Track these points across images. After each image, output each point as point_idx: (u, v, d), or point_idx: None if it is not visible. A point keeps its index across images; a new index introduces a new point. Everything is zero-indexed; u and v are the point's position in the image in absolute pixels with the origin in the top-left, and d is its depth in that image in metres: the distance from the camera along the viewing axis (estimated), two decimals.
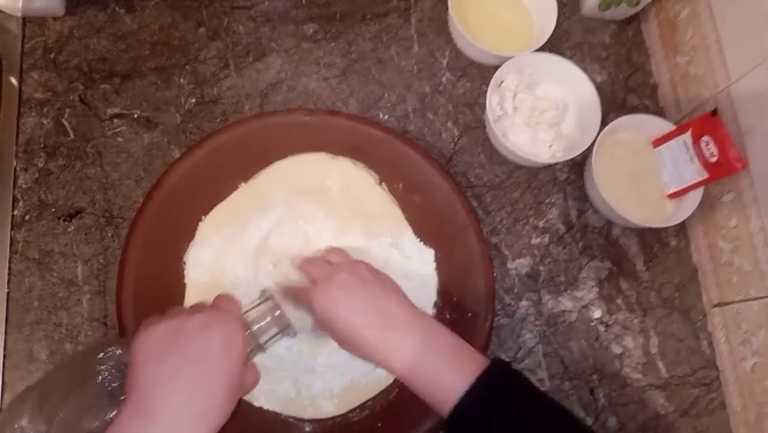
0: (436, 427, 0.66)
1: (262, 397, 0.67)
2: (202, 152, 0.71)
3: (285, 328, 0.60)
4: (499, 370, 0.53)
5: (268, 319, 0.59)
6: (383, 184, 0.75)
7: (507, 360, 0.73)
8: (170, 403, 0.48)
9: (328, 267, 0.62)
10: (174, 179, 0.70)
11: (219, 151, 0.72)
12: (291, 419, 0.67)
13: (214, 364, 0.50)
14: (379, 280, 0.60)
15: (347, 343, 0.58)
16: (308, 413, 0.67)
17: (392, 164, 0.74)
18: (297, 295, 0.65)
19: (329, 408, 0.68)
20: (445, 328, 0.57)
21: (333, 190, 0.74)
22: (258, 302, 0.60)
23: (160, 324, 0.52)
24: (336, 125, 0.74)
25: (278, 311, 0.60)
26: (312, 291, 0.59)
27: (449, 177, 0.73)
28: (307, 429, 0.67)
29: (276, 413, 0.67)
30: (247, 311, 0.59)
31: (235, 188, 0.73)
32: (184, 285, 0.70)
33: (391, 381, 0.70)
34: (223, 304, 0.57)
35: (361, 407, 0.69)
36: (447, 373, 0.53)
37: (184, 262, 0.70)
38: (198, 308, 0.55)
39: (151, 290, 0.67)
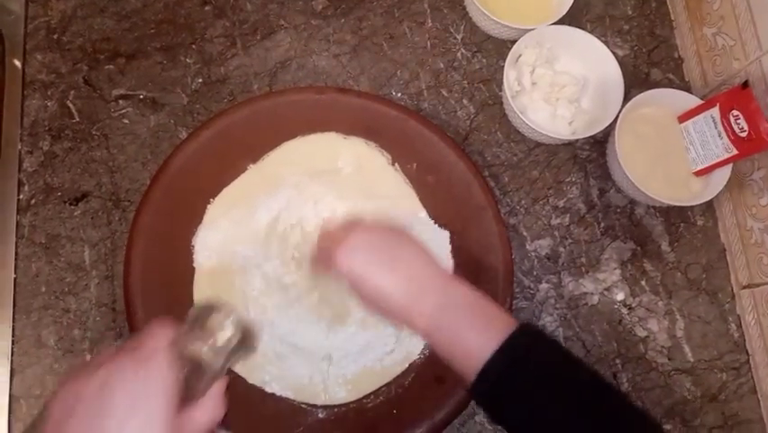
0: (452, 414, 0.64)
1: (274, 383, 0.66)
2: (209, 133, 0.69)
3: (244, 342, 0.47)
4: (529, 332, 0.50)
5: (216, 337, 0.46)
6: (396, 164, 0.73)
7: (537, 326, 0.69)
8: None
9: (345, 229, 0.58)
10: (181, 161, 0.68)
11: (227, 132, 0.70)
12: (304, 405, 0.66)
13: (121, 426, 0.39)
14: (401, 239, 0.57)
15: (371, 302, 0.55)
16: (321, 399, 0.66)
17: (405, 144, 0.72)
18: (320, 261, 0.61)
19: (342, 394, 0.66)
20: (472, 287, 0.53)
21: (344, 171, 0.72)
22: (196, 316, 0.47)
23: (62, 387, 0.41)
24: (347, 104, 0.72)
25: (229, 320, 0.47)
26: (335, 252, 0.55)
27: (465, 156, 0.71)
28: (321, 415, 0.66)
29: (289, 399, 0.66)
30: (187, 333, 0.45)
31: (244, 169, 0.71)
32: (192, 269, 0.68)
33: (406, 366, 0.68)
34: (147, 338, 0.44)
35: (376, 393, 0.67)
36: (473, 333, 0.49)
37: (192, 246, 0.68)
38: (109, 355, 0.43)
39: (160, 274, 0.66)
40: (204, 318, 0.46)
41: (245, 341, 0.47)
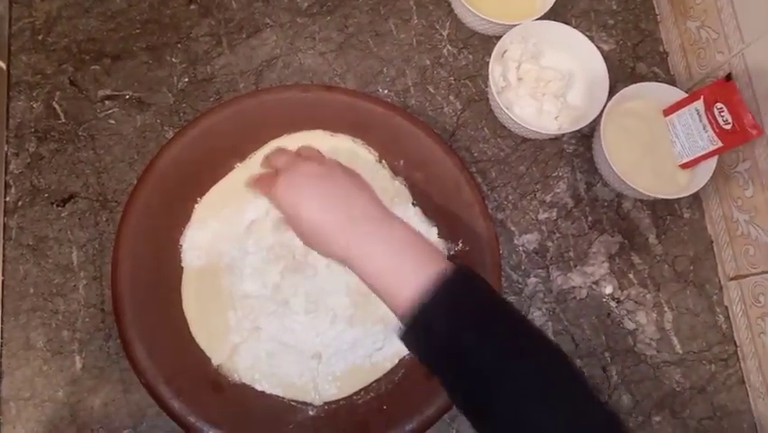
0: (442, 409, 0.64)
1: (264, 381, 0.66)
2: (196, 132, 0.69)
3: None
4: (462, 273, 0.49)
5: None
6: (383, 161, 0.73)
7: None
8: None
9: (295, 157, 0.58)
10: (168, 161, 0.68)
11: (213, 131, 0.69)
12: (294, 403, 0.66)
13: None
14: (349, 175, 0.56)
15: (309, 237, 0.54)
16: (311, 396, 0.66)
17: (393, 140, 0.72)
18: (259, 185, 0.60)
19: (332, 391, 0.66)
20: (413, 228, 0.53)
21: None
22: None
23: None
24: (334, 101, 0.71)
25: None
26: (275, 180, 0.55)
27: (452, 152, 0.71)
28: (311, 413, 0.66)
29: (279, 397, 0.66)
30: None
31: (231, 168, 0.71)
32: (181, 269, 0.68)
33: (396, 362, 0.68)
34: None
35: (366, 389, 0.67)
36: (409, 270, 0.49)
37: (180, 246, 0.68)
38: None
39: (148, 274, 0.66)
40: None
41: None
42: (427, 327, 0.48)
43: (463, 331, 0.47)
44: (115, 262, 0.65)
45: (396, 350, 0.68)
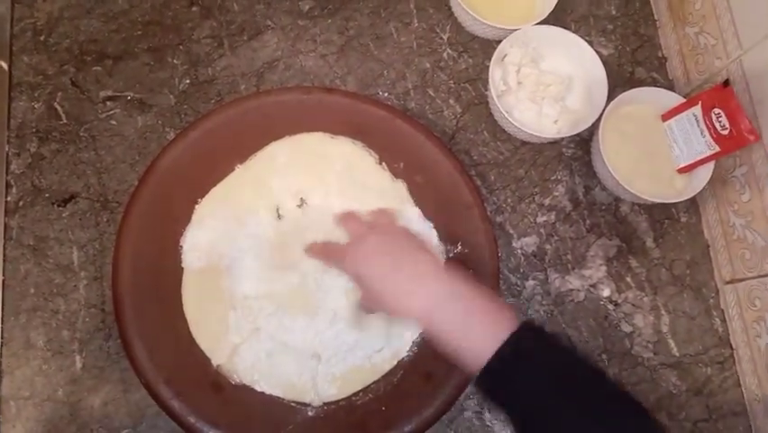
0: (441, 410, 0.64)
1: (263, 382, 0.66)
2: (197, 133, 0.69)
3: None
4: (531, 329, 0.51)
5: None
6: (383, 164, 0.73)
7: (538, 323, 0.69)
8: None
9: (365, 225, 0.62)
10: (169, 162, 0.68)
11: (214, 132, 0.70)
12: (294, 403, 0.66)
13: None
14: (413, 242, 0.59)
15: (375, 296, 0.57)
16: (311, 397, 0.66)
17: (393, 143, 0.72)
18: (330, 255, 0.64)
19: (332, 391, 0.67)
20: (477, 284, 0.55)
21: (333, 170, 0.72)
22: None
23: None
24: (334, 104, 0.72)
25: None
26: (345, 256, 0.59)
27: (451, 155, 0.71)
28: (310, 413, 0.66)
29: (278, 398, 0.66)
30: None
31: (231, 169, 0.71)
32: (181, 269, 0.68)
33: (395, 363, 0.68)
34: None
35: (365, 390, 0.67)
36: (479, 329, 0.51)
37: (180, 246, 0.69)
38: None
39: (148, 274, 0.66)
40: None
41: None
42: (502, 380, 0.49)
43: (536, 382, 0.48)
44: (116, 263, 0.65)
45: (395, 351, 0.68)
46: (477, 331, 0.51)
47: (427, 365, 0.67)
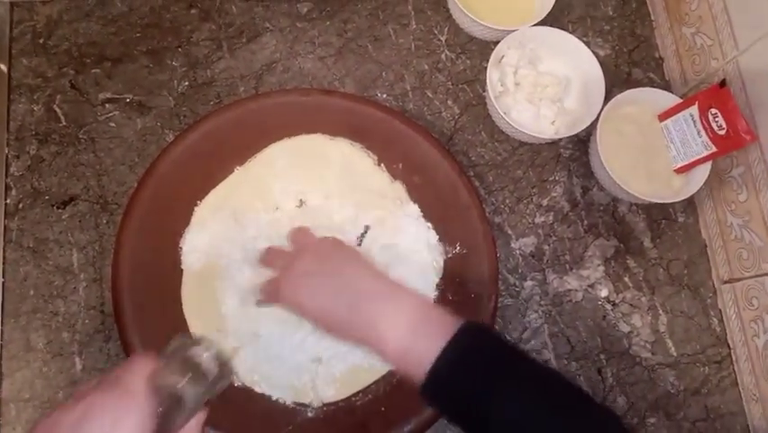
0: None
1: (263, 383, 0.66)
2: (196, 135, 0.69)
3: (222, 375, 0.48)
4: (472, 330, 0.49)
5: (193, 372, 0.47)
6: (382, 165, 0.73)
7: (482, 323, 0.66)
8: None
9: (289, 255, 0.59)
10: (168, 164, 0.68)
11: (213, 134, 0.70)
12: (293, 405, 0.66)
13: None
14: (344, 256, 0.57)
15: (325, 328, 0.55)
16: (310, 398, 0.66)
17: (391, 144, 0.72)
18: (264, 295, 0.61)
19: (331, 392, 0.67)
20: (416, 295, 0.53)
21: (331, 171, 0.72)
22: (175, 349, 0.49)
23: (42, 419, 0.43)
24: (333, 105, 0.72)
25: (208, 354, 0.48)
26: (280, 288, 0.57)
27: (450, 156, 0.72)
28: (310, 414, 0.66)
29: (278, 399, 0.66)
30: (165, 367, 0.46)
31: (231, 171, 0.72)
32: (181, 271, 0.68)
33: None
34: (126, 372, 0.45)
35: (364, 391, 0.68)
36: (421, 340, 0.49)
37: (180, 248, 0.69)
38: (89, 388, 0.44)
39: (148, 276, 0.66)
40: (182, 352, 0.47)
41: (223, 374, 0.48)
42: (444, 388, 0.48)
43: (479, 387, 0.47)
44: (116, 265, 0.65)
45: None
46: (425, 342, 0.49)
47: None
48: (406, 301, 0.53)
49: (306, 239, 0.63)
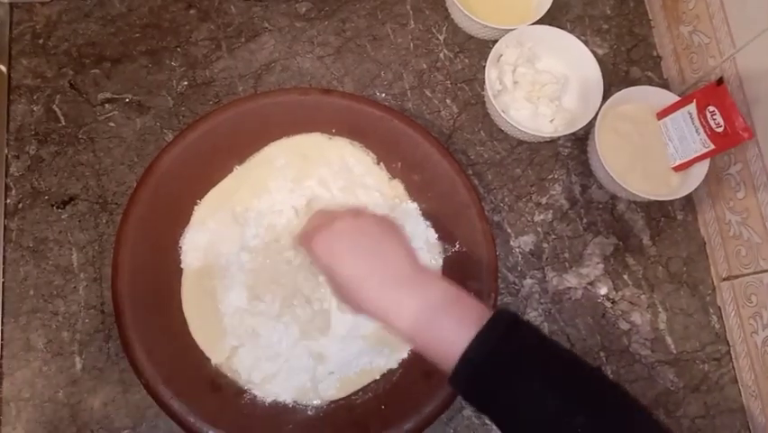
0: (440, 408, 0.65)
1: (263, 382, 0.66)
2: (195, 135, 0.69)
3: None
4: (504, 319, 0.48)
5: None
6: (381, 164, 0.74)
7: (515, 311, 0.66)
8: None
9: (330, 216, 0.57)
10: (167, 164, 0.68)
11: (212, 133, 0.70)
12: (293, 403, 0.66)
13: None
14: (386, 231, 0.55)
15: (346, 295, 0.53)
16: (310, 396, 0.66)
17: (390, 143, 0.73)
18: (300, 240, 0.60)
19: (331, 391, 0.67)
20: (447, 281, 0.53)
21: (330, 170, 0.73)
22: None
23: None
24: (332, 105, 0.72)
25: None
26: (313, 236, 0.54)
27: (449, 155, 0.72)
28: (310, 413, 0.66)
29: (277, 397, 0.66)
30: None
31: (230, 170, 0.72)
32: (180, 270, 0.68)
33: (395, 365, 0.68)
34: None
35: (364, 389, 0.68)
36: (451, 328, 0.48)
37: (180, 247, 0.69)
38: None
39: (148, 276, 0.66)
40: None
41: None
42: (476, 377, 0.47)
43: (512, 375, 0.46)
44: (115, 264, 0.65)
45: (396, 351, 0.68)
46: (450, 330, 0.48)
47: (426, 364, 0.66)
48: (436, 285, 0.52)
49: (350, 209, 0.60)
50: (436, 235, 0.72)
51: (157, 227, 0.67)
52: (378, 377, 0.68)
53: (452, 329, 0.48)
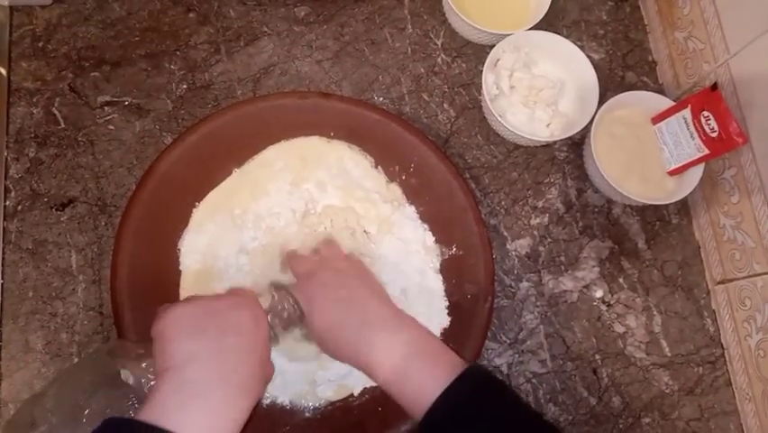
0: None
1: None
2: (194, 138, 0.70)
3: (297, 318, 0.59)
4: (476, 374, 0.51)
5: (280, 307, 0.59)
6: (379, 167, 0.74)
7: (487, 367, 0.70)
8: (211, 375, 0.47)
9: (313, 263, 0.61)
10: (166, 166, 0.69)
11: (211, 136, 0.70)
12: (290, 405, 0.67)
13: (251, 339, 0.51)
14: (364, 280, 0.59)
15: (323, 343, 0.57)
16: (307, 399, 0.66)
17: (388, 147, 0.73)
18: (293, 265, 0.64)
19: (328, 393, 0.67)
20: (426, 330, 0.56)
21: (328, 173, 0.73)
22: (271, 293, 0.60)
23: (187, 304, 0.52)
24: (330, 108, 0.73)
25: (291, 299, 0.59)
26: (297, 286, 0.59)
27: (446, 159, 0.72)
28: (307, 415, 0.67)
29: (275, 399, 0.67)
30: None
31: (229, 173, 0.72)
32: (179, 272, 0.69)
33: None
34: (240, 292, 0.57)
35: (362, 392, 0.68)
36: (422, 375, 0.51)
37: (179, 249, 0.69)
38: (219, 295, 0.56)
39: (146, 278, 0.66)
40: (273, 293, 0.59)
41: (297, 319, 0.59)
42: (445, 426, 0.50)
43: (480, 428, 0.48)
44: (114, 266, 0.65)
45: None
46: (424, 376, 0.51)
47: None
48: (408, 332, 0.54)
49: (331, 251, 0.65)
50: (433, 238, 0.72)
51: (155, 230, 0.68)
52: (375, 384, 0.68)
53: (423, 380, 0.50)
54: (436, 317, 0.69)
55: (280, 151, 0.73)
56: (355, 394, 0.67)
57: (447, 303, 0.70)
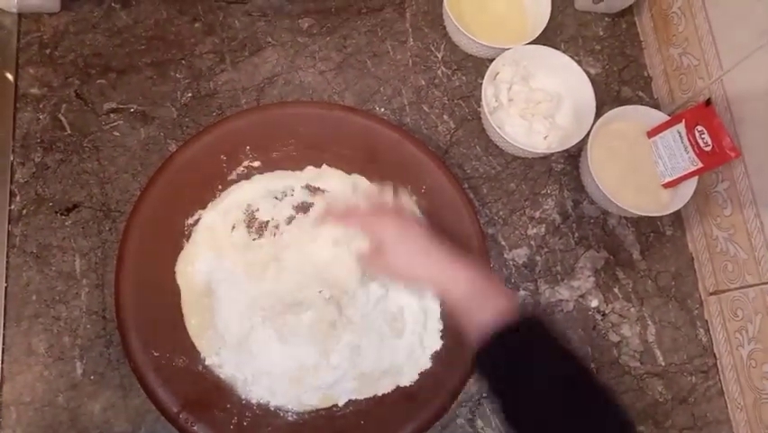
0: (417, 431, 0.66)
1: (247, 383, 0.67)
2: (198, 145, 0.71)
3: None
4: (529, 318, 0.55)
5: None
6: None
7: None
8: None
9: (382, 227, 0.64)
10: (171, 173, 0.70)
11: (215, 145, 0.72)
12: (274, 408, 0.67)
13: None
14: (430, 237, 0.63)
15: (400, 264, 0.62)
16: (293, 404, 0.67)
17: (403, 167, 0.74)
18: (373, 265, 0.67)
19: (314, 401, 0.68)
20: (486, 271, 0.63)
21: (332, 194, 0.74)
22: None
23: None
24: (334, 116, 0.74)
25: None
26: (382, 256, 0.62)
27: (458, 184, 0.74)
28: (290, 418, 0.67)
29: (261, 400, 0.67)
30: None
31: (232, 183, 0.73)
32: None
33: (390, 390, 0.69)
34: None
35: (346, 403, 0.68)
36: (487, 309, 0.55)
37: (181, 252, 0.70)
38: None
39: (150, 282, 0.67)
40: None
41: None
42: (496, 364, 0.54)
43: (521, 366, 0.53)
44: (118, 271, 0.66)
45: (395, 379, 0.70)
46: (486, 310, 0.55)
47: (412, 387, 0.69)
48: (474, 264, 0.60)
49: (382, 204, 0.68)
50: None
51: (159, 235, 0.69)
52: (361, 397, 0.69)
53: (489, 312, 0.55)
54: (429, 338, 0.71)
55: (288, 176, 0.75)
56: (339, 405, 0.68)
57: (441, 326, 0.71)
